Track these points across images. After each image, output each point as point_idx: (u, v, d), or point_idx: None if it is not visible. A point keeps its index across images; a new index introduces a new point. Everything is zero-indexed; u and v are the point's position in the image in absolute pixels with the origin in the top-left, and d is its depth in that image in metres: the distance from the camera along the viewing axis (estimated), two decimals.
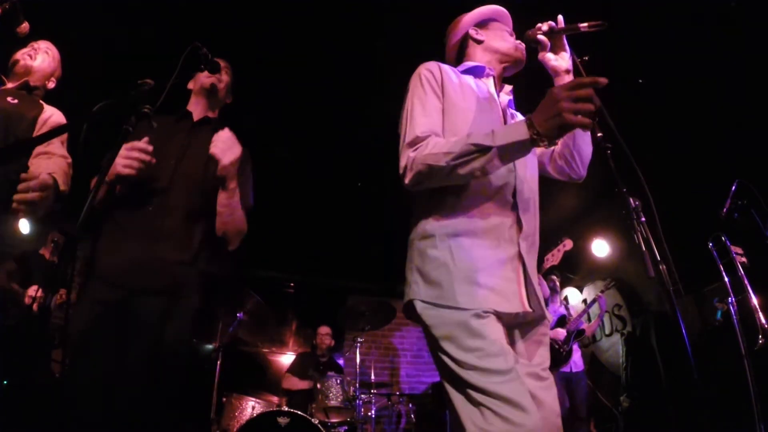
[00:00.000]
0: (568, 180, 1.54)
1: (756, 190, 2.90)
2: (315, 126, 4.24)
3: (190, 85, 1.98)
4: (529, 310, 1.22)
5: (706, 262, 3.04)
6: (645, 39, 3.29)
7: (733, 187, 2.95)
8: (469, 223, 1.25)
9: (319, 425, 3.22)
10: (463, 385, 1.10)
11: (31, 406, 2.69)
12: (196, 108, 1.95)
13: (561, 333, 4.25)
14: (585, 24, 1.39)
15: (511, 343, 1.26)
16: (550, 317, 1.34)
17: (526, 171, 1.39)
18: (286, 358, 5.90)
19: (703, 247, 3.07)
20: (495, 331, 1.14)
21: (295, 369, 4.54)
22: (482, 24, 1.60)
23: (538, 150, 1.53)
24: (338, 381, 3.84)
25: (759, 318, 2.64)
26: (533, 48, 1.51)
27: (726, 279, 2.93)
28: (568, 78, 1.50)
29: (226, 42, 2.61)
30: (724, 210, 2.94)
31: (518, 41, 1.56)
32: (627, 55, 3.37)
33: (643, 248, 1.06)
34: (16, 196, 1.50)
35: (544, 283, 4.09)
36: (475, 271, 1.19)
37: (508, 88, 1.54)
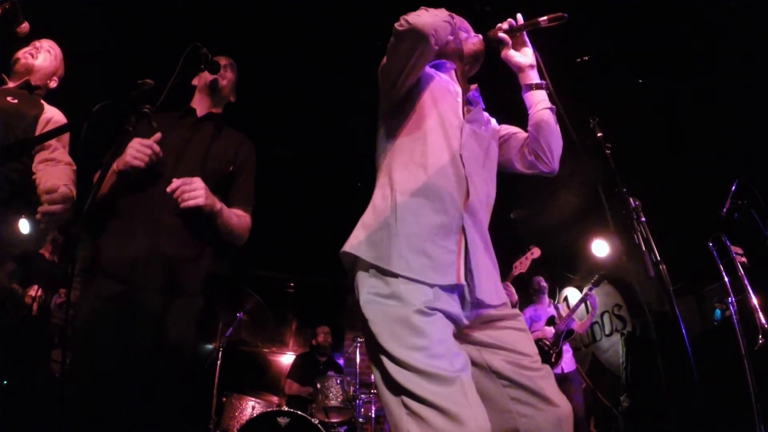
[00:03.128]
0: (540, 174, 1.53)
1: (756, 190, 2.90)
2: (315, 125, 4.24)
3: (195, 82, 1.98)
4: (463, 282, 1.17)
5: (706, 262, 3.04)
6: (645, 39, 3.29)
7: (733, 187, 2.95)
8: (420, 182, 1.25)
9: (319, 425, 3.21)
10: (400, 391, 1.03)
11: (31, 406, 2.69)
12: (200, 105, 1.95)
13: (549, 331, 4.12)
14: (545, 18, 1.40)
15: (479, 338, 1.23)
16: (501, 300, 1.25)
17: (478, 147, 1.40)
18: (286, 358, 5.90)
19: (703, 247, 3.06)
20: (440, 330, 1.08)
21: (295, 374, 4.54)
22: None
23: (503, 146, 1.56)
24: (338, 381, 3.83)
25: (759, 318, 2.64)
26: (496, 47, 1.53)
27: (726, 279, 2.92)
28: (533, 73, 1.53)
29: (226, 41, 2.62)
30: (724, 210, 2.93)
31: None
32: (627, 55, 3.37)
33: (643, 248, 1.07)
34: (41, 209, 1.54)
35: (511, 288, 4.00)
36: (415, 236, 1.18)
37: (473, 86, 1.57)
